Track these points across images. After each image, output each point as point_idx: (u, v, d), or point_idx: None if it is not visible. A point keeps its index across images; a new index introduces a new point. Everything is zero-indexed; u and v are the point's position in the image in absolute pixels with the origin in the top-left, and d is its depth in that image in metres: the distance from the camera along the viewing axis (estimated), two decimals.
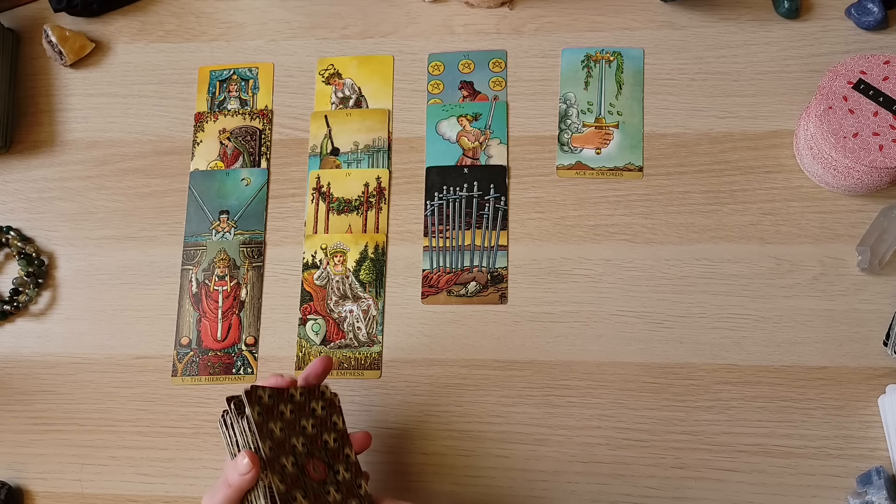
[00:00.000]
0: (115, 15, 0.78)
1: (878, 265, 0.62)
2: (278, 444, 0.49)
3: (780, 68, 0.69)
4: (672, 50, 0.70)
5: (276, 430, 0.50)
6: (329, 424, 0.54)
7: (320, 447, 0.52)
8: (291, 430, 0.51)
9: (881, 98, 0.60)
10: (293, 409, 0.52)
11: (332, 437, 0.53)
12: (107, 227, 0.72)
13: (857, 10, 0.69)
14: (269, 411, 0.50)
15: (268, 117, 0.73)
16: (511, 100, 0.71)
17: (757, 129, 0.68)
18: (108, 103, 0.76)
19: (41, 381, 0.69)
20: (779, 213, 0.65)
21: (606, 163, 0.68)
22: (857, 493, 0.58)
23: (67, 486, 0.66)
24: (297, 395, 0.53)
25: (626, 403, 0.62)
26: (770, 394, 0.61)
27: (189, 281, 0.70)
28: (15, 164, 0.75)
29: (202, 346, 0.68)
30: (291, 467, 0.49)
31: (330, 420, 0.54)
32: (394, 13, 0.75)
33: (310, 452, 0.51)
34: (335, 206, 0.70)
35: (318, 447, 0.52)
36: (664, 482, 0.61)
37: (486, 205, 0.68)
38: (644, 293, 0.65)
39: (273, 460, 0.48)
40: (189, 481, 0.65)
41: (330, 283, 0.68)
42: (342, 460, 0.53)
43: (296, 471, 0.50)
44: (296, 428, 0.52)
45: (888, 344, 0.61)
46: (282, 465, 0.49)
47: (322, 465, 0.51)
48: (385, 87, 0.73)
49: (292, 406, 0.52)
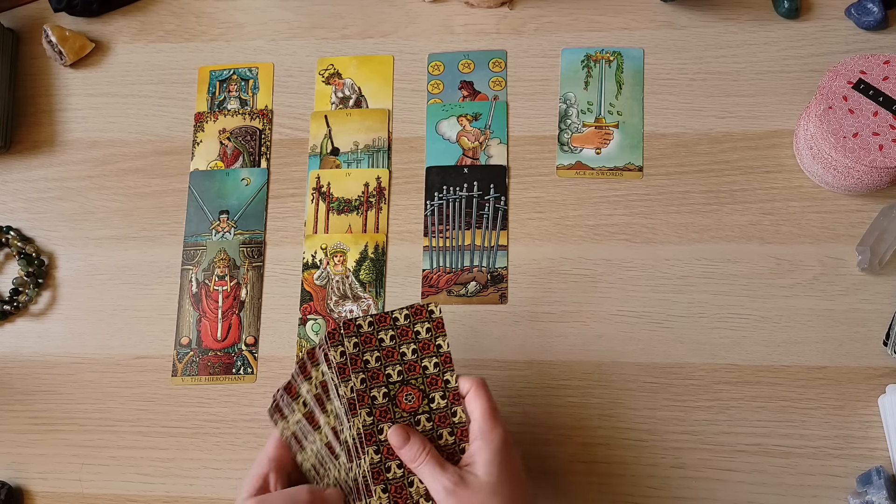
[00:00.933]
0: (115, 15, 0.78)
1: (878, 265, 0.62)
2: (372, 375, 0.51)
3: (779, 68, 0.69)
4: (672, 50, 0.70)
5: (372, 361, 0.51)
6: (432, 348, 0.53)
7: (418, 373, 0.52)
8: (389, 358, 0.52)
9: (881, 98, 0.60)
10: (394, 335, 0.52)
11: (432, 363, 0.52)
12: (107, 227, 0.72)
13: (857, 10, 0.69)
14: (366, 341, 0.51)
15: (268, 117, 0.73)
16: (511, 100, 0.71)
17: (757, 128, 0.68)
18: (108, 103, 0.76)
19: (41, 381, 0.69)
20: (779, 213, 0.65)
21: (606, 163, 0.68)
22: (857, 493, 0.58)
23: (67, 486, 0.66)
24: (401, 318, 0.53)
25: (626, 403, 0.62)
26: (770, 394, 0.61)
27: (189, 281, 0.70)
28: (15, 164, 0.75)
29: (202, 346, 0.68)
30: (382, 398, 0.50)
31: (434, 343, 0.53)
32: (394, 13, 0.75)
33: (405, 381, 0.51)
34: (335, 205, 0.70)
35: (416, 373, 0.52)
36: (664, 482, 0.61)
37: (486, 205, 0.68)
38: (644, 293, 0.65)
39: (363, 393, 0.50)
40: (189, 481, 0.65)
41: (330, 282, 0.68)
42: (440, 387, 0.52)
43: (386, 402, 0.50)
44: (394, 355, 0.52)
45: (888, 344, 0.61)
46: (372, 397, 0.50)
47: (417, 394, 0.51)
48: (385, 87, 0.73)
49: (394, 331, 0.52)
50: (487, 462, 0.47)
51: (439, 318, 0.53)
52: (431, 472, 0.48)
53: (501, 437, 0.49)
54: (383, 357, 0.52)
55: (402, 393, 0.51)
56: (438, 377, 0.52)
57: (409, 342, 0.53)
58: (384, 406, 0.51)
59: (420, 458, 0.49)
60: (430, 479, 0.48)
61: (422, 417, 0.51)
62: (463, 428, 0.51)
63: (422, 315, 0.53)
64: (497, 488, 0.47)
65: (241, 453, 0.65)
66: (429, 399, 0.51)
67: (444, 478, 0.47)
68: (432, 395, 0.52)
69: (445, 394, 0.52)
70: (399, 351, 0.52)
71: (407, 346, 0.52)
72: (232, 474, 0.64)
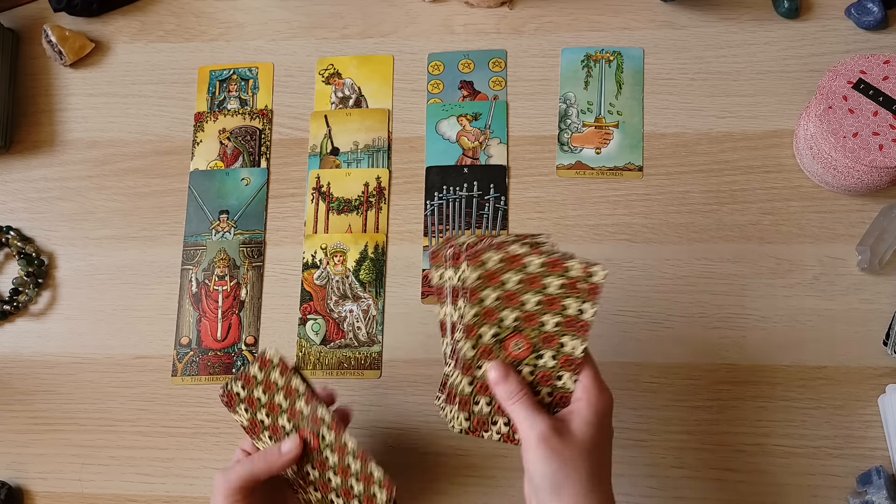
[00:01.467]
0: (115, 15, 0.78)
1: (877, 265, 0.62)
2: (486, 313, 0.49)
3: (779, 68, 0.69)
4: (672, 50, 0.70)
5: (491, 298, 0.49)
6: (558, 306, 0.49)
7: (535, 326, 0.49)
8: (510, 301, 0.49)
9: (881, 98, 0.60)
10: (522, 280, 0.49)
11: (553, 320, 0.49)
12: (107, 226, 0.72)
13: (857, 10, 0.69)
14: (491, 276, 0.49)
15: (268, 117, 0.73)
16: (511, 99, 0.71)
17: (757, 128, 0.68)
18: (108, 103, 0.76)
19: (41, 381, 0.69)
20: (778, 213, 0.65)
21: (606, 162, 0.68)
22: (857, 492, 0.58)
23: (67, 486, 0.66)
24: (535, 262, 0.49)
25: (627, 403, 0.62)
26: (770, 393, 0.61)
27: (189, 281, 0.70)
28: (15, 164, 0.75)
29: (202, 346, 0.68)
30: (490, 339, 0.49)
31: (562, 302, 0.49)
32: (394, 13, 0.75)
33: (518, 329, 0.49)
34: (335, 205, 0.70)
35: (532, 325, 0.49)
36: (664, 482, 0.61)
37: (485, 204, 0.68)
38: (644, 293, 0.65)
39: (471, 327, 0.49)
40: (189, 481, 0.65)
41: (330, 282, 0.68)
42: (554, 347, 0.49)
43: (493, 342, 0.49)
44: (515, 300, 0.49)
45: (888, 343, 0.61)
46: (479, 333, 0.49)
47: (528, 344, 0.49)
48: (385, 87, 0.73)
49: (522, 276, 0.49)
50: (588, 422, 0.45)
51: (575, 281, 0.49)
52: (526, 414, 0.46)
53: (607, 403, 0.47)
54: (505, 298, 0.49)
55: (511, 340, 0.49)
56: (555, 336, 0.49)
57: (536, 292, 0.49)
58: (490, 345, 0.49)
59: (516, 397, 0.47)
60: (523, 420, 0.46)
61: (525, 368, 0.49)
62: (565, 394, 0.49)
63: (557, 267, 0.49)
64: (590, 450, 0.45)
65: None
66: (537, 354, 0.49)
67: (541, 422, 0.45)
68: (542, 351, 0.49)
69: (557, 355, 0.49)
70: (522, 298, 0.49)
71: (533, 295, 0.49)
72: None
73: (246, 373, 0.55)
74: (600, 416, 0.46)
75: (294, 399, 0.54)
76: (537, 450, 0.45)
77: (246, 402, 0.55)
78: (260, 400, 0.54)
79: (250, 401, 0.55)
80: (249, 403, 0.55)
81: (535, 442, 0.45)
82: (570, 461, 0.44)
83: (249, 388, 0.55)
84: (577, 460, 0.44)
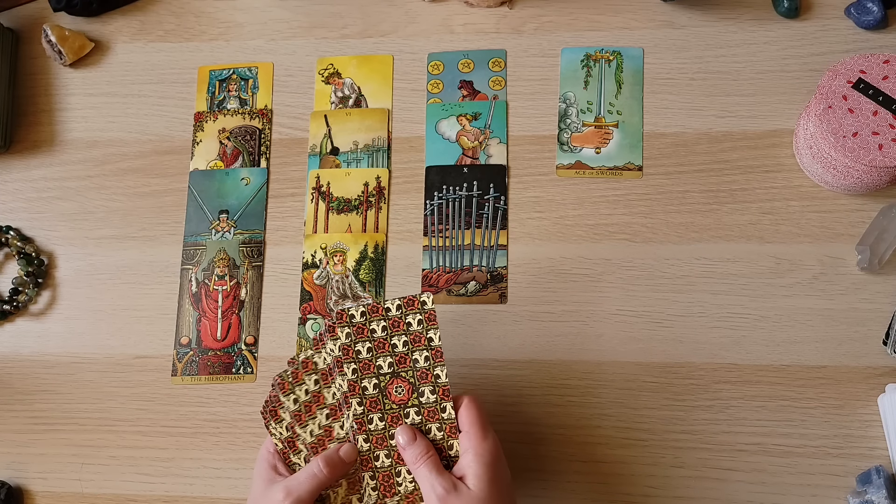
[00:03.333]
0: (115, 14, 0.78)
1: (877, 264, 0.62)
2: (364, 366, 0.52)
3: (779, 68, 0.69)
4: (672, 49, 0.70)
5: (364, 351, 0.52)
6: (423, 341, 0.53)
7: (409, 366, 0.52)
8: (381, 348, 0.52)
9: (881, 97, 0.60)
10: (386, 326, 0.52)
11: (423, 356, 0.53)
12: (106, 226, 0.72)
13: (857, 10, 0.69)
14: (359, 331, 0.52)
15: (267, 117, 0.73)
16: (511, 99, 0.71)
17: (756, 128, 0.68)
18: (108, 103, 0.76)
19: (41, 381, 0.69)
20: (778, 213, 0.65)
21: (606, 162, 0.68)
22: (856, 492, 0.58)
23: (67, 485, 0.66)
24: (393, 308, 0.53)
25: (626, 403, 0.62)
26: (769, 393, 0.61)
27: (189, 280, 0.70)
28: (15, 164, 0.75)
29: (202, 346, 0.68)
30: (373, 389, 0.51)
31: (425, 336, 0.53)
32: (393, 13, 0.75)
33: (395, 373, 0.52)
34: (335, 205, 0.70)
35: (406, 366, 0.52)
36: (664, 481, 0.61)
37: (485, 204, 0.68)
38: (644, 293, 0.65)
39: (354, 383, 0.51)
40: (189, 481, 0.65)
41: (330, 282, 0.68)
42: (430, 381, 0.52)
43: (377, 393, 0.51)
44: (385, 346, 0.52)
45: (888, 343, 0.61)
46: (363, 387, 0.51)
47: (407, 386, 0.52)
48: (385, 87, 0.73)
49: (386, 322, 0.53)
50: (478, 476, 0.49)
51: (431, 311, 0.53)
52: (429, 474, 0.49)
53: (492, 450, 0.50)
54: (375, 348, 0.52)
55: (392, 385, 0.52)
56: (429, 371, 0.52)
57: (400, 334, 0.53)
58: (374, 397, 0.52)
59: (421, 460, 0.50)
60: (425, 481, 0.49)
61: (411, 410, 0.52)
62: (452, 424, 0.52)
63: (414, 306, 0.53)
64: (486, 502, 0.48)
65: (240, 453, 0.65)
66: (419, 392, 0.52)
67: (440, 483, 0.49)
68: (422, 388, 0.52)
69: (435, 388, 0.52)
70: (391, 342, 0.52)
71: (398, 338, 0.53)
72: (232, 474, 0.64)
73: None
74: (490, 466, 0.49)
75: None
76: None
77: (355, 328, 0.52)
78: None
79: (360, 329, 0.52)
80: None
81: (434, 501, 0.48)
82: None
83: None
84: None
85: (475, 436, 0.50)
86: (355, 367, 0.52)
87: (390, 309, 0.53)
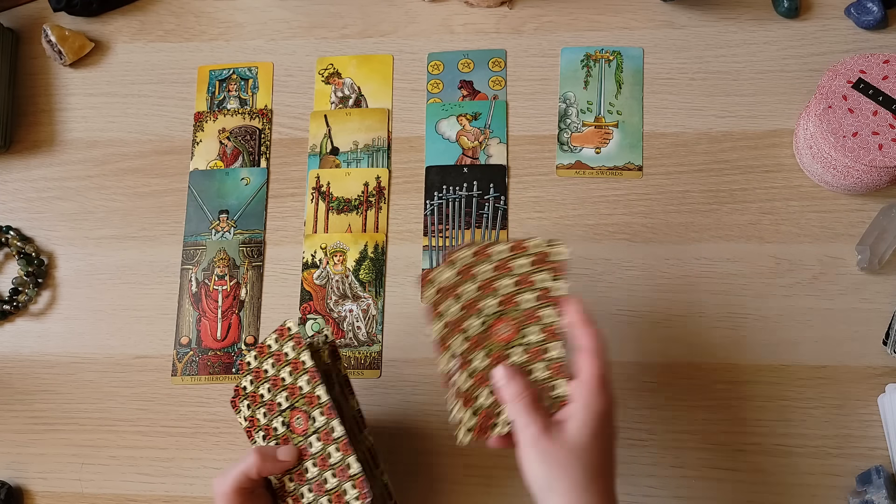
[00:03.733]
0: (115, 14, 0.78)
1: (877, 264, 0.62)
2: (468, 304, 0.52)
3: (779, 68, 0.69)
4: (671, 49, 0.70)
5: (471, 290, 0.52)
6: (529, 281, 0.52)
7: (514, 307, 0.52)
8: (488, 288, 0.52)
9: (881, 97, 0.60)
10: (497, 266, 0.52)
11: (531, 296, 0.51)
12: (106, 226, 0.72)
13: (857, 10, 0.69)
14: (467, 271, 0.52)
15: (267, 117, 0.73)
16: (510, 99, 0.71)
17: (756, 128, 0.68)
18: (108, 103, 0.76)
19: (41, 381, 0.69)
20: (778, 213, 0.65)
21: (606, 162, 0.68)
22: (856, 492, 0.58)
23: (67, 485, 0.66)
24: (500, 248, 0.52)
25: (626, 402, 0.62)
26: (769, 393, 0.61)
27: (189, 280, 0.70)
28: (15, 164, 0.75)
29: (202, 346, 0.68)
30: (481, 327, 0.51)
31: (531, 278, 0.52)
32: (393, 13, 0.75)
33: (503, 312, 0.52)
34: (335, 205, 0.70)
35: (512, 306, 0.52)
36: (664, 481, 0.61)
37: (485, 204, 0.68)
38: (644, 293, 0.65)
39: (458, 321, 0.52)
40: (189, 481, 0.65)
41: (329, 282, 0.68)
42: (536, 321, 0.51)
43: (481, 330, 0.51)
44: (490, 287, 0.52)
45: (887, 343, 0.61)
46: (466, 326, 0.52)
47: (513, 325, 0.51)
48: (384, 87, 0.73)
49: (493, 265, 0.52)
50: (582, 424, 0.46)
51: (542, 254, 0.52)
52: (525, 414, 0.46)
53: (604, 404, 0.46)
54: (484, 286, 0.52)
55: (497, 324, 0.51)
56: (535, 311, 0.51)
57: (509, 274, 0.52)
58: (479, 336, 0.51)
59: (519, 398, 0.47)
60: (521, 421, 0.46)
61: (515, 349, 0.51)
62: (559, 364, 0.50)
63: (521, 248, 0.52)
64: (582, 453, 0.45)
65: (240, 453, 0.65)
66: (523, 334, 0.51)
67: (534, 424, 0.46)
68: (527, 329, 0.51)
69: (544, 328, 0.51)
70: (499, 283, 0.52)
71: (510, 278, 0.52)
72: None
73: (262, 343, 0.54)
74: (596, 418, 0.46)
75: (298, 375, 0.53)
76: (529, 451, 0.46)
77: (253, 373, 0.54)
78: (266, 372, 0.54)
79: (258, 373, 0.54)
80: (256, 375, 0.54)
81: (529, 442, 0.46)
82: (561, 463, 0.45)
83: (261, 359, 0.54)
84: (569, 462, 0.45)
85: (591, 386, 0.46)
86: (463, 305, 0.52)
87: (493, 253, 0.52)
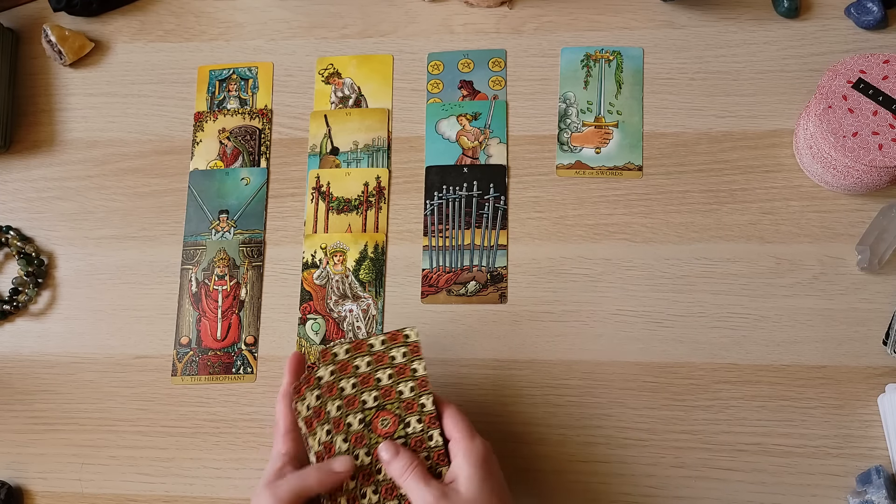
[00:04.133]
0: (115, 14, 0.78)
1: (877, 264, 0.62)
2: (348, 402, 0.52)
3: (779, 67, 0.69)
4: (671, 49, 0.70)
5: (348, 388, 0.52)
6: (408, 372, 0.53)
7: (394, 398, 0.53)
8: (365, 383, 0.53)
9: (881, 97, 0.60)
10: (371, 361, 0.53)
11: (408, 387, 0.53)
12: (106, 226, 0.72)
13: (857, 10, 0.69)
14: (343, 368, 0.53)
15: (267, 116, 0.73)
16: (510, 99, 0.71)
17: (756, 128, 0.68)
18: (108, 103, 0.76)
19: (41, 381, 0.69)
20: (778, 213, 0.65)
21: (606, 162, 0.68)
22: (856, 492, 0.58)
23: (67, 485, 0.66)
24: (377, 344, 0.54)
25: (626, 403, 0.62)
26: (769, 393, 0.61)
27: (189, 280, 0.70)
28: (15, 164, 0.75)
29: (202, 346, 0.68)
30: (358, 424, 0.52)
31: (409, 367, 0.54)
32: (393, 13, 0.75)
33: (381, 406, 0.52)
34: (335, 205, 0.70)
35: (391, 398, 0.53)
36: (664, 481, 0.61)
37: (485, 204, 0.68)
38: (644, 293, 0.65)
39: (339, 420, 0.52)
40: (189, 481, 0.65)
41: (329, 282, 0.68)
42: (416, 411, 0.53)
43: (362, 428, 0.52)
44: (370, 381, 0.53)
45: (888, 343, 0.61)
46: (348, 423, 0.52)
47: (393, 418, 0.52)
48: (384, 87, 0.73)
49: (370, 357, 0.53)
50: (469, 477, 0.49)
51: (415, 343, 0.54)
52: (416, 485, 0.49)
53: (481, 451, 0.50)
54: (360, 383, 0.53)
55: (377, 418, 0.52)
56: (414, 401, 0.53)
57: (385, 367, 0.53)
58: (359, 432, 0.52)
59: (408, 472, 0.50)
60: (414, 492, 0.49)
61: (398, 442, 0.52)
62: (439, 451, 0.52)
63: (398, 340, 0.54)
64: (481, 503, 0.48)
65: (240, 453, 0.65)
66: (405, 423, 0.52)
67: (428, 492, 0.48)
68: (408, 419, 0.52)
69: (421, 417, 0.53)
70: (375, 377, 0.53)
71: (383, 372, 0.53)
72: (232, 474, 0.64)
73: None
74: (480, 467, 0.49)
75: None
76: None
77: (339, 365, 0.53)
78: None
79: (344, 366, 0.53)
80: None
81: None
82: None
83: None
84: None
85: (463, 438, 0.50)
86: (340, 404, 0.52)
87: (374, 345, 0.54)
